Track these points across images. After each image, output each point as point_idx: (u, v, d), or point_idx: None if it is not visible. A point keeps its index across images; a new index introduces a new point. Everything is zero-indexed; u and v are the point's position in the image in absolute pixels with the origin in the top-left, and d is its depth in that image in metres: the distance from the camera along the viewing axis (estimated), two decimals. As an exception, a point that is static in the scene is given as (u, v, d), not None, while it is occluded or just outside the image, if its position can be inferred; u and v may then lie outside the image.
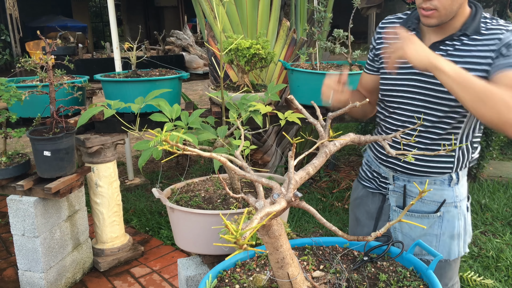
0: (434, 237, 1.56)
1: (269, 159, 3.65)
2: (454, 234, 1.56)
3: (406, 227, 1.58)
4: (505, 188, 3.87)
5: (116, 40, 3.53)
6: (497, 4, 6.80)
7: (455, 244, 1.56)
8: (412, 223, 1.05)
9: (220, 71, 1.70)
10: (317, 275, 1.23)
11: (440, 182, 1.54)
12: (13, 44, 9.90)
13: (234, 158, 1.03)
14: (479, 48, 1.37)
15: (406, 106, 1.52)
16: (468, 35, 1.39)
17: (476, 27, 1.39)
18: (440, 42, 1.43)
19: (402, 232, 1.60)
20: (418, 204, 1.56)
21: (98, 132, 2.69)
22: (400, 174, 1.58)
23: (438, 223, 1.55)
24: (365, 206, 1.74)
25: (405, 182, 1.58)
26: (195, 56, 9.22)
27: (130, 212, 3.62)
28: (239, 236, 0.80)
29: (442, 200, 1.53)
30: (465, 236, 1.59)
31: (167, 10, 16.13)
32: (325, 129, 1.14)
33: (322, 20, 2.72)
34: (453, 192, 1.54)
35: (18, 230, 2.44)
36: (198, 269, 1.64)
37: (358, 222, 1.78)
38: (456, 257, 1.58)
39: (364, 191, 1.75)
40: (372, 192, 1.72)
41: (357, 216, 1.78)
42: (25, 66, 2.48)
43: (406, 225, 1.58)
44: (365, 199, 1.74)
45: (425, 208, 1.56)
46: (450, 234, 1.56)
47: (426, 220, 1.56)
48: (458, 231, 1.56)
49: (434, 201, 1.55)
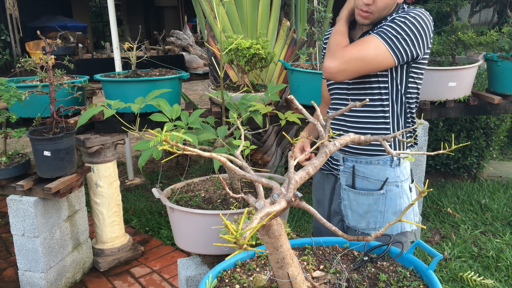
0: (378, 213, 1.71)
1: (269, 159, 3.65)
2: (397, 211, 1.70)
3: (354, 204, 1.73)
4: (505, 188, 3.87)
5: (116, 40, 3.53)
6: (497, 4, 6.80)
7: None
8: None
9: (220, 71, 1.70)
10: (317, 275, 1.23)
11: (383, 162, 1.69)
12: (13, 44, 9.89)
13: (234, 158, 1.03)
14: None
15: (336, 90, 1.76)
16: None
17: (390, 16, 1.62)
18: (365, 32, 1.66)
19: (351, 209, 1.75)
20: (364, 183, 1.72)
21: (98, 132, 2.69)
22: (349, 155, 1.73)
23: (382, 200, 1.70)
24: (322, 188, 1.90)
25: (353, 163, 1.73)
26: (195, 56, 9.22)
27: (130, 212, 3.62)
28: (239, 236, 0.80)
29: (384, 178, 1.68)
30: (410, 215, 1.74)
31: (167, 10, 16.11)
32: (325, 129, 1.14)
33: (322, 20, 2.72)
34: (394, 172, 1.69)
35: (18, 230, 2.44)
36: (198, 269, 1.65)
37: (318, 203, 1.94)
38: (398, 232, 1.72)
39: (320, 174, 1.91)
40: (326, 174, 1.86)
41: (318, 197, 1.94)
42: (25, 66, 2.48)
43: (354, 201, 1.73)
44: (321, 181, 1.90)
45: (370, 186, 1.71)
46: (393, 211, 1.70)
47: (371, 197, 1.71)
48: (400, 209, 1.71)
49: (378, 179, 1.70)
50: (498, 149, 4.32)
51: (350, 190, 1.73)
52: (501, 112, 2.79)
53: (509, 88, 2.71)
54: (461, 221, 3.34)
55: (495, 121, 3.91)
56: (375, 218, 1.71)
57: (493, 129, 3.94)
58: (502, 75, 2.72)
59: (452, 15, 4.54)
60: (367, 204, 1.71)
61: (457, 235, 3.16)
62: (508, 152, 4.93)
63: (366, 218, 1.72)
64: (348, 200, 1.75)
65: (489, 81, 2.86)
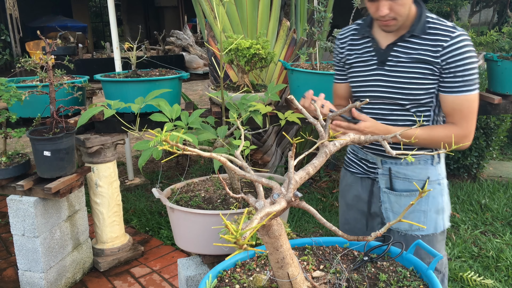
0: (422, 213, 1.69)
1: (269, 159, 3.65)
2: (439, 209, 1.70)
3: (396, 206, 1.72)
4: (505, 188, 3.87)
5: (116, 40, 3.52)
6: (497, 4, 6.80)
7: (440, 219, 1.71)
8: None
9: (220, 71, 1.70)
10: (317, 275, 1.24)
11: (423, 161, 1.68)
12: (13, 44, 9.90)
13: (234, 158, 1.03)
14: (425, 48, 1.56)
15: (374, 99, 1.69)
16: (416, 35, 1.58)
17: (422, 27, 1.57)
18: (393, 44, 1.61)
19: (393, 211, 1.73)
20: (405, 184, 1.70)
21: (98, 132, 2.69)
22: (388, 158, 1.71)
23: (425, 199, 1.69)
24: (354, 191, 1.86)
25: (391, 165, 1.71)
26: (195, 56, 9.22)
27: (130, 212, 3.62)
28: (239, 236, 0.80)
29: (426, 178, 1.68)
30: (447, 211, 1.74)
31: (167, 10, 16.11)
32: (325, 129, 1.14)
33: (322, 20, 2.72)
34: (435, 170, 1.69)
35: (18, 230, 2.44)
36: (198, 269, 1.65)
37: (348, 207, 1.91)
38: (442, 230, 1.73)
39: (352, 177, 1.86)
40: (361, 177, 1.83)
41: (347, 201, 1.90)
42: (25, 66, 2.48)
43: (395, 203, 1.72)
44: (354, 184, 1.86)
45: (412, 186, 1.70)
46: (435, 209, 1.70)
47: (413, 198, 1.66)
48: (442, 206, 1.71)
49: (419, 179, 1.68)
50: (498, 149, 4.32)
51: (390, 193, 1.72)
52: (501, 112, 2.79)
53: (509, 88, 2.70)
54: (461, 221, 3.34)
55: (495, 121, 3.91)
56: (418, 218, 1.69)
57: (493, 129, 3.94)
58: (502, 75, 2.71)
59: (452, 15, 4.53)
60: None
61: (457, 235, 3.16)
62: (508, 152, 4.93)
63: (408, 219, 1.68)
64: (389, 202, 1.73)
65: (489, 81, 2.86)
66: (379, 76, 1.64)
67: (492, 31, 3.42)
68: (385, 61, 1.62)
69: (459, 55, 1.53)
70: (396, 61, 1.60)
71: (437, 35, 1.56)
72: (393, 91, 1.63)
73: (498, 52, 2.88)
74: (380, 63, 1.63)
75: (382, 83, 1.64)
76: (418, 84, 1.58)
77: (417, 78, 1.58)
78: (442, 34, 1.55)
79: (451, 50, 1.53)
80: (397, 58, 1.60)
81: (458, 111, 1.57)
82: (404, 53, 1.59)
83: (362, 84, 1.70)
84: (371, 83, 1.67)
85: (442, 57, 1.54)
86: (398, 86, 1.61)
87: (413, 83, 1.59)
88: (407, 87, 1.60)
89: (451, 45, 1.53)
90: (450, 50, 1.53)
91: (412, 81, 1.58)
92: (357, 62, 1.70)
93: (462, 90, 1.55)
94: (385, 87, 1.64)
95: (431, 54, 1.55)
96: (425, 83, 1.58)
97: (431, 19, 1.59)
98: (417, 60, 1.57)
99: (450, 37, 1.54)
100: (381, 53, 1.63)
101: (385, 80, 1.63)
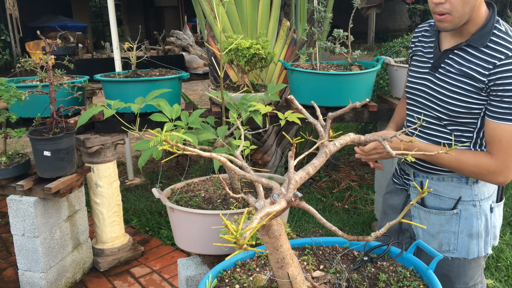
0: (452, 234, 1.58)
1: (269, 159, 3.65)
2: (473, 233, 1.56)
3: (425, 223, 1.63)
4: (505, 188, 3.87)
5: (116, 40, 3.53)
6: (497, 4, 6.81)
7: (474, 243, 1.57)
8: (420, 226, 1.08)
9: (220, 71, 1.70)
10: (317, 275, 1.24)
11: (457, 179, 1.56)
12: (13, 44, 9.90)
13: (234, 158, 1.03)
14: (479, 63, 1.40)
15: (416, 103, 1.61)
16: (474, 46, 1.42)
17: (483, 38, 1.40)
18: (450, 50, 1.48)
19: (422, 228, 1.65)
20: (436, 201, 1.60)
21: (98, 132, 2.69)
22: (420, 171, 1.63)
23: (455, 220, 1.57)
24: (391, 200, 1.81)
25: (423, 179, 1.63)
26: (195, 56, 9.22)
27: (130, 212, 3.62)
28: (239, 236, 0.80)
29: (458, 197, 1.56)
30: (486, 237, 1.58)
31: (167, 10, 16.12)
32: (325, 129, 1.14)
33: (322, 20, 2.72)
34: (471, 190, 1.55)
35: (18, 230, 2.44)
36: (198, 269, 1.65)
37: (385, 215, 1.85)
38: (475, 256, 1.58)
39: (393, 187, 1.82)
40: (400, 188, 1.78)
41: (385, 209, 1.86)
42: (25, 66, 2.47)
43: (424, 220, 1.63)
44: (393, 194, 1.81)
45: (442, 205, 1.59)
46: (468, 232, 1.56)
47: (443, 217, 1.59)
48: (477, 230, 1.56)
49: (451, 198, 1.57)
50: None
51: (420, 208, 1.63)
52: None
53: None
54: (461, 221, 3.34)
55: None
56: (448, 239, 1.59)
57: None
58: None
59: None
60: (439, 224, 1.59)
61: (457, 235, 3.16)
62: (508, 152, 4.92)
63: (437, 238, 1.61)
64: (419, 218, 1.65)
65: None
66: (428, 82, 1.54)
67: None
68: (438, 67, 1.51)
69: (510, 78, 1.34)
70: (447, 69, 1.48)
71: (495, 51, 1.38)
72: (435, 101, 1.51)
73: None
74: (433, 68, 1.52)
75: (429, 90, 1.54)
76: (460, 101, 1.44)
77: (461, 94, 1.44)
78: (500, 51, 1.36)
79: (502, 70, 1.35)
80: (449, 66, 1.48)
81: (498, 141, 1.40)
82: (457, 63, 1.45)
83: (413, 85, 1.62)
84: (420, 87, 1.58)
85: (491, 77, 1.36)
86: (440, 98, 1.49)
87: (455, 99, 1.45)
88: (448, 101, 1.47)
89: (504, 65, 1.34)
90: (502, 71, 1.35)
91: (454, 96, 1.45)
92: (417, 61, 1.61)
93: (507, 119, 1.37)
94: (430, 95, 1.53)
95: (481, 71, 1.39)
96: (468, 101, 1.43)
97: (497, 31, 1.40)
98: (465, 75, 1.42)
99: (507, 55, 1.35)
100: (437, 58, 1.52)
101: (432, 88, 1.53)
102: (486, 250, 1.59)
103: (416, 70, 1.61)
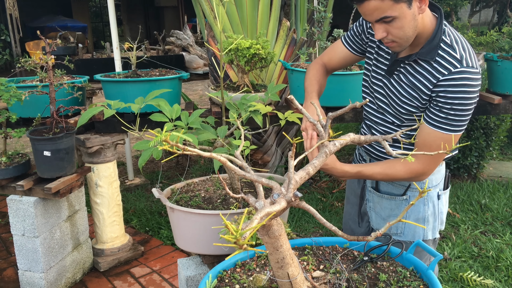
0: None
1: (269, 159, 3.65)
2: (419, 218, 1.68)
3: (378, 206, 1.74)
4: (505, 188, 3.87)
5: (116, 40, 3.53)
6: (497, 4, 6.80)
7: (419, 228, 1.69)
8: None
9: (220, 71, 1.70)
10: (317, 275, 1.24)
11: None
12: (13, 44, 9.90)
13: (234, 158, 1.03)
14: (427, 77, 1.46)
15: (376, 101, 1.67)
16: (423, 59, 1.47)
17: (431, 52, 1.44)
18: (400, 61, 1.53)
19: (375, 211, 1.76)
20: (388, 187, 1.70)
21: (98, 132, 2.69)
22: (375, 157, 1.72)
23: (405, 205, 1.67)
24: (352, 186, 1.93)
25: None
26: (195, 56, 9.22)
27: (130, 212, 3.62)
28: (239, 236, 0.80)
29: (408, 184, 1.66)
30: (434, 222, 1.70)
31: (167, 10, 16.12)
32: (325, 129, 1.14)
33: (322, 20, 2.73)
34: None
35: (18, 230, 2.44)
36: (198, 269, 1.65)
37: (348, 200, 1.98)
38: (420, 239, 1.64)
39: None
40: None
41: (347, 195, 1.98)
42: (25, 66, 2.47)
43: (377, 204, 1.74)
44: (354, 180, 1.90)
45: (394, 190, 1.70)
46: (415, 217, 1.68)
47: (393, 202, 1.70)
48: (423, 216, 1.68)
49: (402, 185, 1.67)
50: (498, 149, 4.32)
51: (374, 193, 1.74)
52: (501, 112, 2.79)
53: (509, 88, 2.70)
54: (461, 221, 3.34)
55: (495, 121, 3.91)
56: (397, 223, 1.63)
57: (493, 129, 3.94)
58: (502, 75, 2.71)
59: (452, 15, 4.53)
60: (389, 208, 1.70)
61: (457, 235, 3.16)
62: (508, 152, 4.93)
63: (388, 221, 1.63)
64: (373, 202, 1.76)
65: (489, 81, 2.86)
66: (383, 84, 1.62)
67: (492, 31, 3.42)
68: (392, 73, 1.57)
69: (452, 92, 1.40)
70: (400, 78, 1.54)
71: (441, 66, 1.43)
72: (388, 104, 1.60)
73: (498, 52, 2.88)
74: (388, 72, 1.59)
75: (383, 91, 1.62)
76: (408, 106, 1.53)
77: (410, 100, 1.51)
78: (445, 66, 1.42)
79: (445, 84, 1.41)
80: (402, 75, 1.54)
81: (428, 145, 1.47)
82: (409, 74, 1.51)
83: (369, 83, 1.69)
84: (375, 87, 1.66)
85: (435, 88, 1.43)
86: (392, 104, 1.58)
87: (404, 103, 1.53)
88: (399, 109, 1.56)
89: (447, 80, 1.41)
90: (445, 85, 1.41)
91: (404, 100, 1.53)
92: (376, 60, 1.64)
93: (441, 127, 1.45)
94: (384, 96, 1.62)
95: (428, 85, 1.45)
96: (415, 106, 1.51)
97: (443, 44, 1.44)
98: (414, 87, 1.49)
99: (450, 71, 1.41)
100: (391, 64, 1.57)
101: (386, 92, 1.60)
102: (434, 234, 1.71)
103: (375, 70, 1.65)
